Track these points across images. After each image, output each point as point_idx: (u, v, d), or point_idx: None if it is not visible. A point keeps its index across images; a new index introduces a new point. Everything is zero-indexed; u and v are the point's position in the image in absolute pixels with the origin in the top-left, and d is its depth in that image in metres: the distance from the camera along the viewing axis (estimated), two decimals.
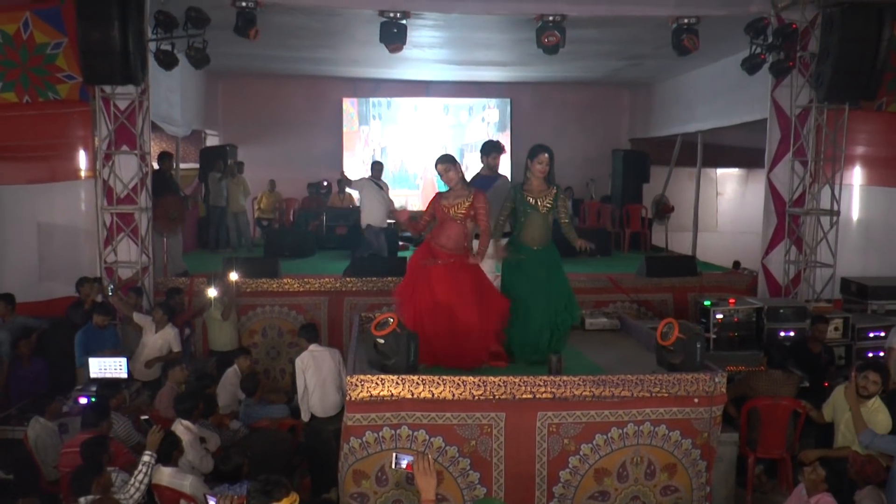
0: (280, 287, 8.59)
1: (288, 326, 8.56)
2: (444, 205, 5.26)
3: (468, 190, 5.30)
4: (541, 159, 5.47)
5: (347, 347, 5.81)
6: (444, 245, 5.24)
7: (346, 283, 8.65)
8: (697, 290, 9.01)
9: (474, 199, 5.26)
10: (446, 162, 5.28)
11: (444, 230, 5.26)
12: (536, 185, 5.51)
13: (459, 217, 5.23)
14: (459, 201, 5.24)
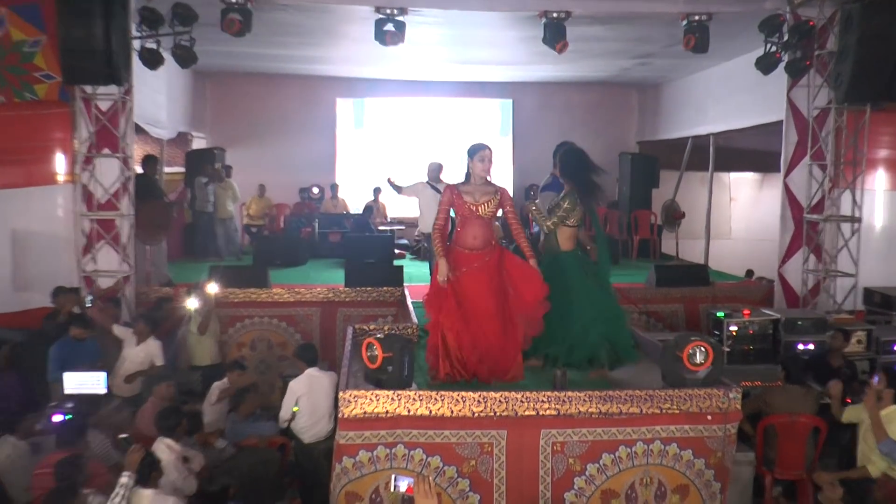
0: (270, 297, 8.56)
1: (278, 339, 8.54)
2: (469, 202, 5.13)
3: (492, 186, 5.21)
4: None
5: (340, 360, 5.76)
6: (473, 246, 5.14)
7: (340, 293, 8.63)
8: (710, 300, 8.98)
9: (502, 196, 5.18)
10: (491, 150, 5.17)
11: (468, 230, 5.14)
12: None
13: (488, 216, 5.16)
14: (487, 199, 5.13)
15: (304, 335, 8.50)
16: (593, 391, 4.68)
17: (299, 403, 6.17)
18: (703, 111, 13.12)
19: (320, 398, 6.21)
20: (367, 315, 8.41)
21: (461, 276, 5.11)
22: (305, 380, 6.25)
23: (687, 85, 14.04)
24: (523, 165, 15.28)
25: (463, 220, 5.18)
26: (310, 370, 6.33)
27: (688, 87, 13.99)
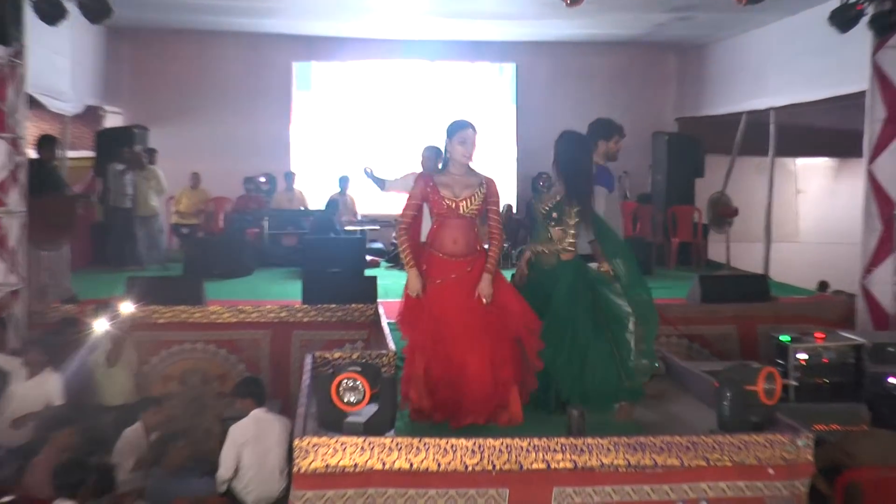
0: (205, 317, 8.54)
1: (216, 370, 8.51)
2: (446, 197, 5.14)
3: (477, 176, 5.23)
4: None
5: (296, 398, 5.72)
6: (452, 252, 5.16)
7: (296, 311, 8.62)
8: (771, 320, 8.97)
9: (488, 188, 5.19)
10: (475, 130, 5.18)
11: (447, 231, 5.17)
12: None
13: (471, 214, 5.18)
14: (470, 193, 5.15)
15: (249, 365, 8.47)
16: (620, 437, 4.65)
17: (243, 455, 6.13)
18: (762, 79, 13.17)
19: (270, 448, 6.17)
20: (331, 340, 8.39)
21: (436, 289, 5.12)
22: (251, 424, 6.21)
23: (740, 46, 14.10)
24: (529, 148, 15.32)
25: (440, 219, 5.20)
26: (256, 412, 6.29)
27: (741, 48, 14.05)
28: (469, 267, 5.17)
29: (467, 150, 5.13)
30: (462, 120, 5.23)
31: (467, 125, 5.18)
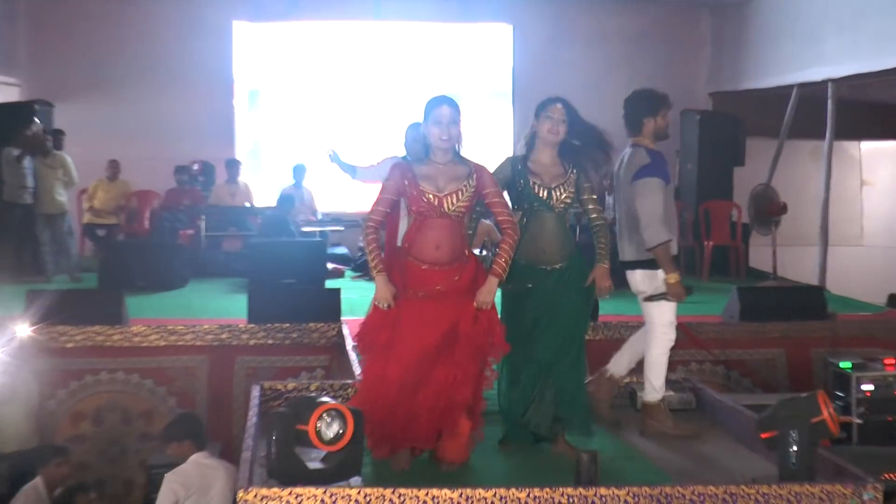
0: (126, 340, 8.53)
1: (139, 406, 8.49)
2: (428, 191, 5.13)
3: (465, 165, 5.23)
4: (551, 111, 5.63)
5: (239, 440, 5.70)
6: (435, 259, 5.14)
7: (240, 332, 8.62)
8: (828, 343, 9.04)
9: (478, 179, 5.19)
10: (452, 106, 5.19)
11: (428, 234, 5.16)
12: (548, 159, 5.70)
13: (459, 212, 5.18)
14: (457, 186, 5.14)
15: (181, 400, 8.46)
16: (640, 486, 4.67)
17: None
18: (817, 44, 13.21)
19: (213, 501, 6.17)
20: (284, 367, 8.42)
21: (414, 304, 5.11)
22: (192, 471, 6.22)
23: (788, 3, 14.15)
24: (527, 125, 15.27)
25: (420, 218, 5.17)
26: (196, 457, 6.28)
27: (790, 6, 14.10)
28: (457, 276, 5.16)
29: (443, 131, 5.13)
30: (437, 96, 5.25)
31: (441, 101, 5.18)
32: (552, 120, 5.60)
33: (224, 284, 12.08)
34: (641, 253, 6.11)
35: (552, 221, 5.60)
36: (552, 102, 5.66)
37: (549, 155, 5.66)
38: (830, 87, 12.97)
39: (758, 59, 15.00)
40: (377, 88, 15.85)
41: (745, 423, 5.82)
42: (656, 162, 6.14)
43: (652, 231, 5.94)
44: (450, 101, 5.19)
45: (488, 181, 5.21)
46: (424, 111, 5.21)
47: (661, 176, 6.07)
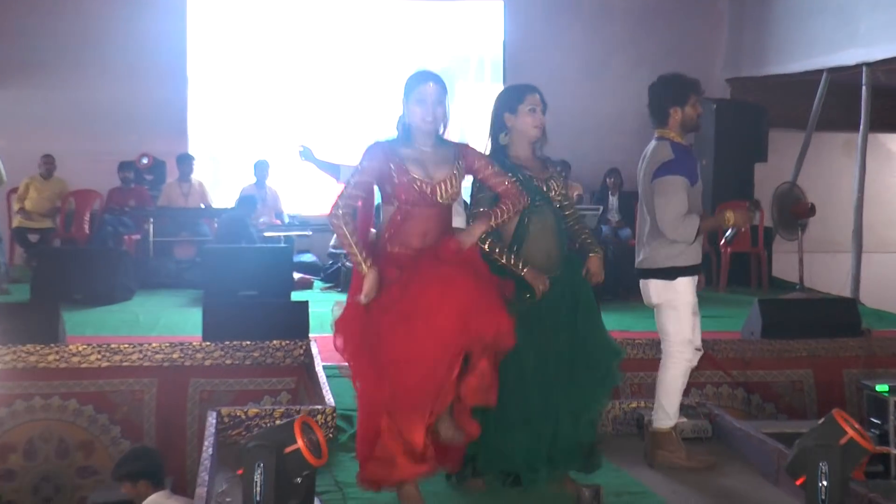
0: (63, 361, 8.47)
1: (78, 436, 8.42)
2: (419, 179, 5.12)
3: (450, 147, 5.27)
4: (532, 102, 5.64)
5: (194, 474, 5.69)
6: (417, 246, 5.14)
7: (194, 351, 8.59)
8: (862, 363, 9.06)
9: (465, 159, 5.25)
10: (438, 83, 5.22)
11: (415, 223, 5.16)
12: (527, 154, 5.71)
13: (450, 200, 5.24)
14: (448, 173, 5.18)
15: (127, 428, 8.41)
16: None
17: None
18: (849, 23, 13.23)
19: None
20: (244, 391, 8.40)
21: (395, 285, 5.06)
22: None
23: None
24: None
25: (406, 208, 5.17)
26: (156, 497, 6.31)
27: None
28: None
29: (427, 111, 5.15)
30: (420, 71, 5.29)
31: (426, 77, 5.22)
32: (535, 112, 5.62)
33: (175, 297, 12.07)
34: (658, 260, 6.10)
35: (553, 219, 5.58)
36: (529, 92, 5.69)
37: (528, 150, 5.67)
38: (865, 71, 12.98)
39: (782, 40, 15.02)
40: (354, 72, 15.86)
41: (768, 454, 5.84)
42: (680, 158, 6.12)
43: (677, 234, 5.97)
44: (435, 78, 5.22)
45: (475, 156, 5.30)
46: (405, 88, 5.23)
47: (684, 174, 6.05)
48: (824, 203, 14.39)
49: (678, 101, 6.24)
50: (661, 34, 16.10)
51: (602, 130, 15.39)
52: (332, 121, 15.40)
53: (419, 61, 15.47)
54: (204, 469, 5.39)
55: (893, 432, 7.51)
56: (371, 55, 15.95)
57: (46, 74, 15.14)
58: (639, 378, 8.55)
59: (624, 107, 15.29)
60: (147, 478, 6.45)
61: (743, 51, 16.11)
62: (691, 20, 16.37)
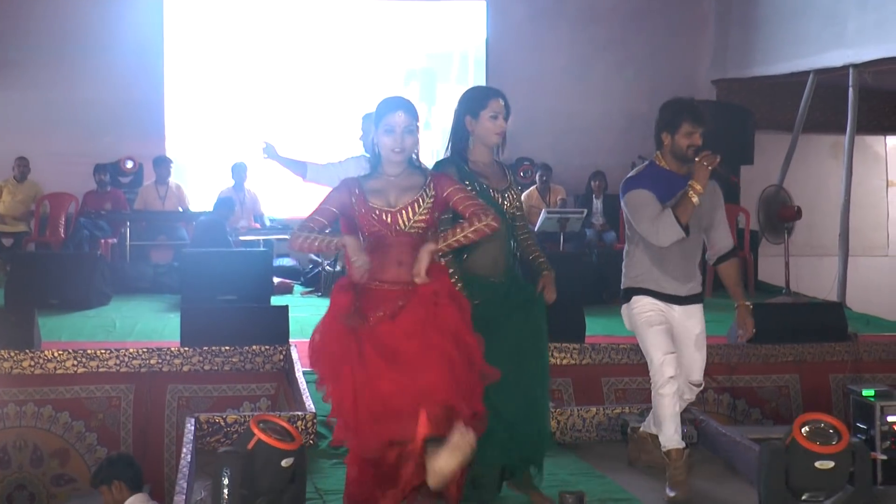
0: (38, 367, 8.45)
1: (53, 444, 8.39)
2: (378, 208, 5.04)
3: (422, 173, 5.15)
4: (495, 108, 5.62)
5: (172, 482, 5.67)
6: (397, 279, 5.05)
7: (172, 357, 8.57)
8: (848, 368, 9.09)
9: (436, 185, 5.09)
10: (409, 112, 5.08)
11: (389, 255, 5.08)
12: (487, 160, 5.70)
13: (417, 228, 5.09)
14: (412, 198, 5.06)
15: (103, 436, 8.37)
16: None
17: None
18: (836, 25, 13.26)
19: None
20: (223, 397, 8.38)
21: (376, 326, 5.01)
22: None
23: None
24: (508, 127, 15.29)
25: (374, 240, 5.11)
26: (133, 500, 6.30)
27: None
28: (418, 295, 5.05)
29: (396, 142, 5.04)
30: (390, 99, 5.16)
31: (395, 106, 5.09)
32: (496, 118, 5.61)
33: (153, 302, 12.04)
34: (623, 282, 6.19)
35: (503, 229, 5.49)
36: (493, 97, 5.67)
37: (487, 155, 5.66)
38: (852, 73, 13.02)
39: (769, 41, 15.05)
40: (335, 73, 15.87)
41: (754, 460, 5.85)
42: (645, 174, 6.12)
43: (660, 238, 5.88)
44: (406, 106, 5.11)
45: (447, 182, 5.13)
46: (375, 115, 5.12)
47: (646, 187, 6.00)
48: (811, 206, 14.45)
49: (669, 128, 6.15)
50: (646, 35, 16.14)
51: (586, 132, 15.42)
52: (312, 122, 15.39)
53: (401, 61, 15.54)
54: (182, 476, 5.38)
55: (879, 438, 7.54)
56: (352, 55, 15.94)
57: (20, 75, 15.10)
58: (623, 383, 8.58)
59: (609, 108, 15.38)
60: (124, 480, 6.44)
61: (729, 52, 16.13)
62: (677, 21, 16.40)
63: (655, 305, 6.00)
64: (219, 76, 15.84)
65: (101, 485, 6.55)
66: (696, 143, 6.05)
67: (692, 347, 6.06)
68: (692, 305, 6.09)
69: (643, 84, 15.88)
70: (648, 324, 5.97)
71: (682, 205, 5.75)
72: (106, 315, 11.30)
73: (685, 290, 6.04)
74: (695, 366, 6.10)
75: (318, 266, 13.20)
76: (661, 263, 5.98)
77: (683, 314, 6.04)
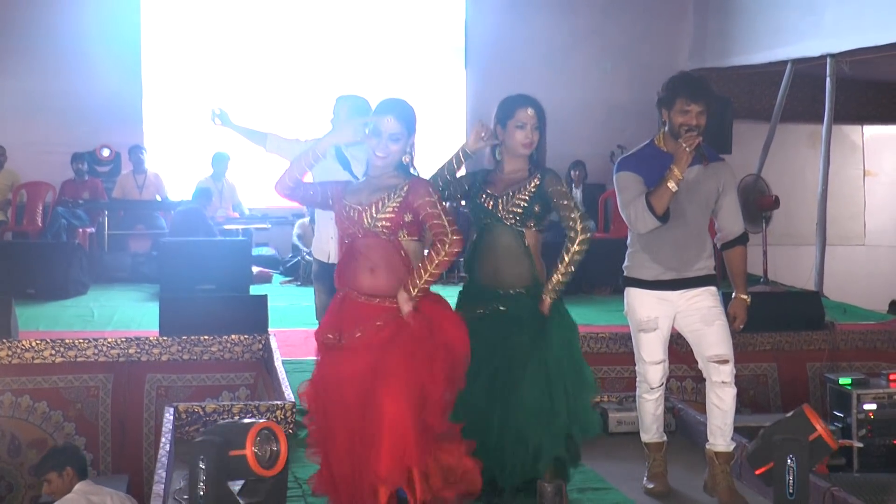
0: (16, 356, 8.43)
1: (31, 434, 8.37)
2: (350, 203, 5.04)
3: (400, 177, 5.07)
4: (522, 118, 5.51)
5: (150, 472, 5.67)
6: (370, 290, 5.00)
7: (150, 346, 8.56)
8: (825, 356, 9.14)
9: (410, 191, 4.99)
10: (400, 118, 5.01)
11: (358, 256, 5.04)
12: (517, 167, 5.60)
13: (381, 229, 5.00)
14: (380, 197, 5.01)
15: (82, 425, 8.38)
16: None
17: None
18: (814, 14, 13.26)
19: None
20: (202, 386, 8.37)
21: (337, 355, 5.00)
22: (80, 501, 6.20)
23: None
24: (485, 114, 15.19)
25: (346, 238, 5.12)
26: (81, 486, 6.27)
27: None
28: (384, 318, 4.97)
29: (380, 145, 5.01)
30: (388, 100, 5.12)
31: (388, 110, 5.04)
32: (525, 129, 5.51)
33: (131, 291, 12.04)
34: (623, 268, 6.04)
35: (505, 237, 5.49)
36: (521, 106, 5.56)
37: (517, 164, 5.57)
38: (829, 63, 13.01)
39: (747, 31, 15.04)
40: (314, 59, 15.82)
41: None
42: (636, 155, 5.95)
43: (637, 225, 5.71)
44: (398, 111, 5.04)
45: (422, 192, 4.99)
46: (373, 115, 5.09)
47: (632, 169, 5.81)
48: (788, 195, 14.48)
49: (665, 104, 5.86)
50: (625, 24, 16.14)
51: (566, 122, 15.35)
52: (291, 109, 15.29)
53: (379, 49, 15.48)
54: (161, 466, 5.38)
55: (856, 426, 7.58)
56: (331, 41, 15.89)
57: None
58: (602, 372, 8.58)
59: (588, 98, 15.38)
60: (71, 466, 6.44)
61: (707, 41, 16.15)
62: (656, 10, 16.40)
63: (647, 304, 5.82)
64: (196, 65, 15.77)
65: (51, 471, 6.54)
66: (691, 122, 5.65)
67: (699, 323, 5.77)
68: (697, 288, 5.81)
69: (622, 74, 15.92)
70: (640, 329, 5.84)
71: (658, 192, 5.53)
72: (84, 304, 11.31)
73: (686, 273, 5.80)
74: (706, 339, 5.75)
75: (297, 255, 13.19)
76: (650, 249, 5.81)
77: (683, 297, 5.80)
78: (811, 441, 4.85)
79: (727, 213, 5.89)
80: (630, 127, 15.27)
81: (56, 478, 6.49)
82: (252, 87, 15.73)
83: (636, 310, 5.83)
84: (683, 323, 5.83)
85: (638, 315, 5.82)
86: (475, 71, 15.88)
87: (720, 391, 5.70)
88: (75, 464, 6.48)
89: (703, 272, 5.83)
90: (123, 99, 15.35)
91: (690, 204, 5.72)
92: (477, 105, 15.53)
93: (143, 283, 12.27)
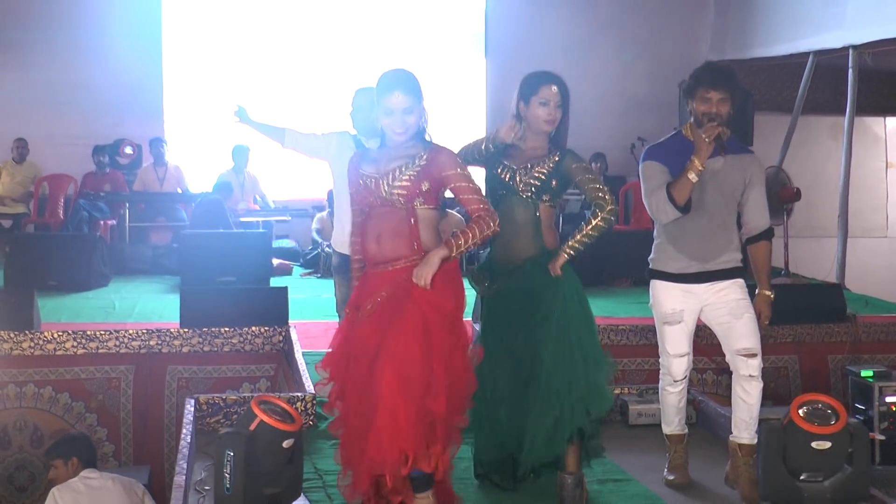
0: (38, 348, 8.42)
1: (53, 425, 8.36)
2: (366, 172, 5.03)
3: (421, 146, 5.03)
4: (546, 95, 5.51)
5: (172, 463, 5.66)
6: (379, 257, 5.00)
7: (171, 338, 8.55)
8: (847, 348, 9.09)
9: (431, 160, 4.95)
10: (407, 90, 4.96)
11: (368, 224, 5.05)
12: (537, 144, 5.59)
13: (398, 197, 4.97)
14: (397, 166, 4.98)
15: (103, 416, 8.38)
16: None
17: None
18: (836, 6, 13.21)
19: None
20: (222, 378, 8.38)
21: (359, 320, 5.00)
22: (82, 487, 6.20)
23: None
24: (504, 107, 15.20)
25: (359, 208, 5.13)
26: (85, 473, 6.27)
27: None
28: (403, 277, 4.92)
29: (397, 122, 4.97)
30: (387, 76, 5.05)
31: (393, 86, 4.98)
32: (548, 106, 5.51)
33: (152, 283, 12.07)
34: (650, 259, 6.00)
35: (519, 208, 5.49)
36: (545, 83, 5.55)
37: (538, 141, 5.57)
38: (851, 54, 12.96)
39: (768, 22, 15.00)
40: (334, 49, 15.84)
41: None
42: (661, 144, 5.93)
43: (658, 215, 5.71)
44: (403, 85, 4.98)
45: (448, 163, 4.96)
46: (375, 93, 5.03)
47: (657, 159, 5.80)
48: (810, 187, 14.44)
49: (689, 94, 5.84)
50: (645, 16, 16.12)
51: (586, 114, 15.29)
52: (311, 102, 15.29)
53: (399, 41, 15.47)
54: (182, 457, 5.38)
55: (878, 418, 7.55)
56: (351, 32, 15.92)
57: (19, 57, 15.05)
58: (622, 364, 8.55)
59: (608, 89, 15.35)
60: (77, 456, 6.45)
61: (728, 33, 16.10)
62: (676, 2, 16.38)
63: (672, 297, 5.82)
64: (217, 58, 15.81)
65: (58, 458, 6.55)
66: (711, 110, 5.60)
67: (728, 316, 5.77)
68: (725, 281, 5.80)
69: (642, 66, 15.89)
70: (665, 322, 5.84)
71: (679, 182, 5.51)
72: (105, 296, 11.34)
73: (712, 265, 5.79)
74: (735, 332, 5.75)
75: (317, 247, 13.20)
76: (675, 240, 5.80)
77: (710, 290, 5.78)
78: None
79: (753, 206, 5.86)
80: (650, 119, 15.24)
81: (61, 465, 6.49)
82: (271, 78, 15.74)
83: (661, 302, 5.82)
84: (711, 316, 5.82)
85: (663, 308, 5.81)
86: (495, 61, 15.90)
87: (747, 385, 5.71)
88: (82, 455, 6.47)
89: (729, 264, 5.82)
90: (144, 92, 15.39)
91: (715, 194, 5.70)
92: (496, 95, 15.54)
93: (164, 275, 12.31)
